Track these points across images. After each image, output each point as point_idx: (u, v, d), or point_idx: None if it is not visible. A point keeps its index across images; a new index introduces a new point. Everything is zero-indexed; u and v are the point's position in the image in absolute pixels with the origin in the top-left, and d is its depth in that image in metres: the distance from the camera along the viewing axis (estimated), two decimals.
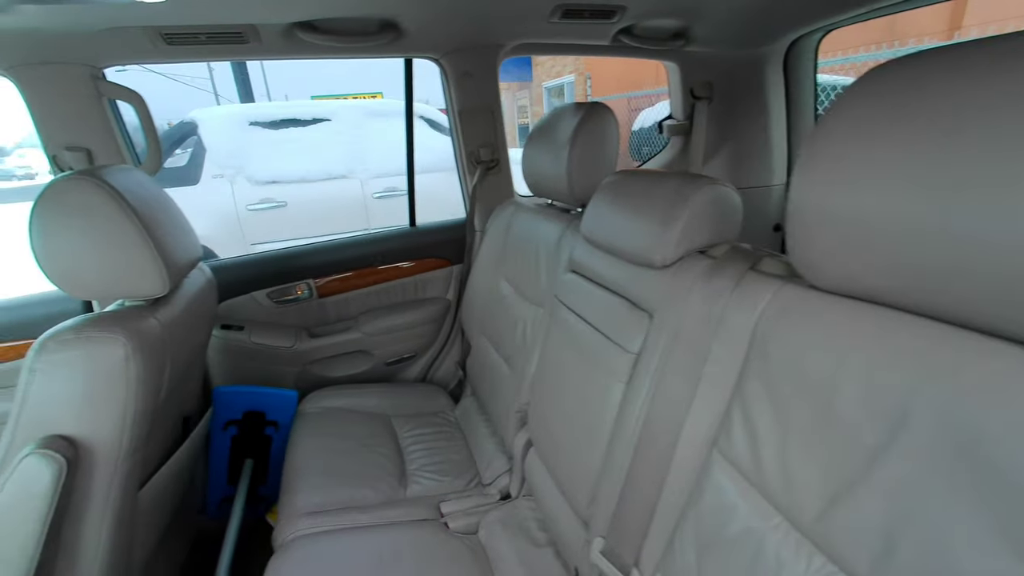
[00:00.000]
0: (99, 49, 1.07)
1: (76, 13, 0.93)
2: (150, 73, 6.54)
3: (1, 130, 14.49)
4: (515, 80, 11.51)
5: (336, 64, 4.94)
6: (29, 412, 0.74)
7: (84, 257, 0.79)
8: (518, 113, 11.97)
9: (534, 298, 1.20)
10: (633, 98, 6.63)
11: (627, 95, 6.76)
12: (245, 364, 1.46)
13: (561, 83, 10.40)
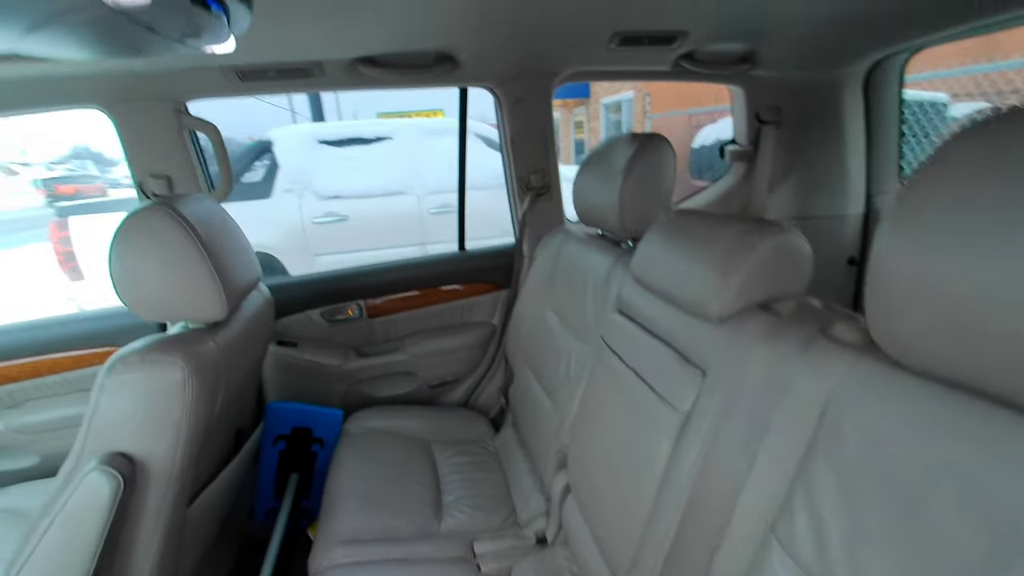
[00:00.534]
0: (182, 86, 1.17)
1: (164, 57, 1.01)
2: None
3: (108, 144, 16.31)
4: (572, 96, 11.54)
5: None
6: (96, 428, 0.79)
7: (153, 282, 0.85)
8: (574, 129, 11.96)
9: (580, 332, 1.16)
10: (694, 115, 6.44)
11: (687, 111, 6.57)
12: (297, 380, 1.52)
13: (619, 100, 10.30)
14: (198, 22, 0.54)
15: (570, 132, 12.03)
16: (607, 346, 0.96)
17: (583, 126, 11.64)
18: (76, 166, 12.73)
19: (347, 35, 1.02)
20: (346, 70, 1.19)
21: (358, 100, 13.32)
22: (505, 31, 1.08)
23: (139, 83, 1.12)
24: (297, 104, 9.03)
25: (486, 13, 0.96)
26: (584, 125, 11.64)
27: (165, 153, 1.23)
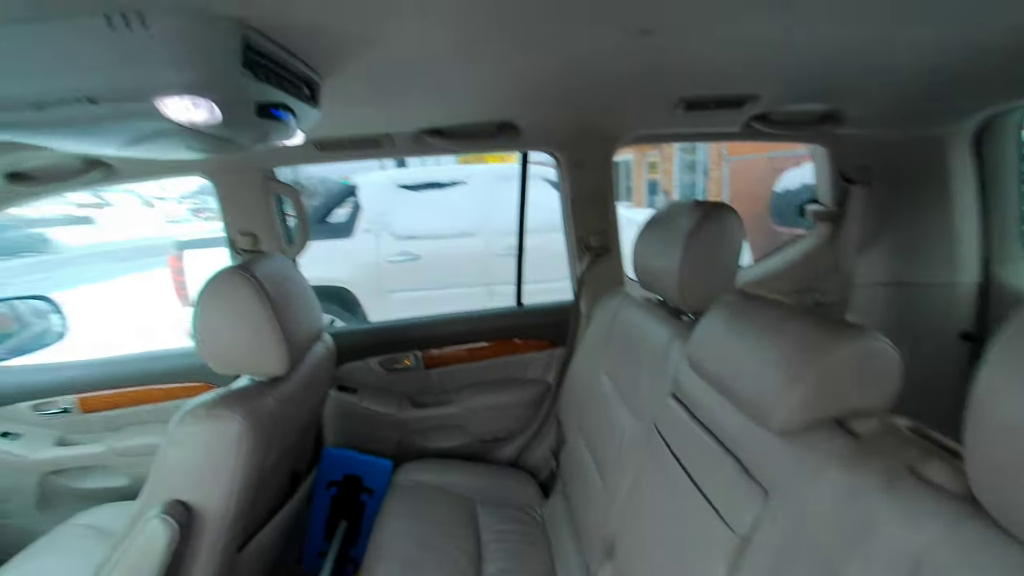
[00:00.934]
0: (270, 157, 1.30)
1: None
2: None
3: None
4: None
5: None
6: (162, 476, 0.85)
7: (225, 339, 0.92)
8: (647, 170, 11.83)
9: (635, 407, 1.09)
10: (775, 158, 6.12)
11: (768, 155, 6.25)
12: (354, 426, 1.57)
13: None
14: (266, 129, 0.61)
15: (643, 173, 11.90)
16: (659, 434, 0.89)
17: (657, 167, 11.49)
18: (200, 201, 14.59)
19: (412, 112, 1.09)
20: (412, 140, 1.27)
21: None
22: (565, 100, 1.10)
23: (236, 156, 1.28)
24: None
25: (546, 86, 0.98)
26: (658, 166, 11.48)
27: (253, 213, 1.38)
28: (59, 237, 9.57)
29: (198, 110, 0.50)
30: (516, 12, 0.59)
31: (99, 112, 0.49)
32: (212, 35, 0.49)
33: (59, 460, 1.44)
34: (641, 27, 0.67)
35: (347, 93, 0.88)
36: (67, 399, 1.46)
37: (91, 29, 0.46)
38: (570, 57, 0.79)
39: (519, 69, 0.85)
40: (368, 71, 0.77)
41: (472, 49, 0.73)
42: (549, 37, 0.70)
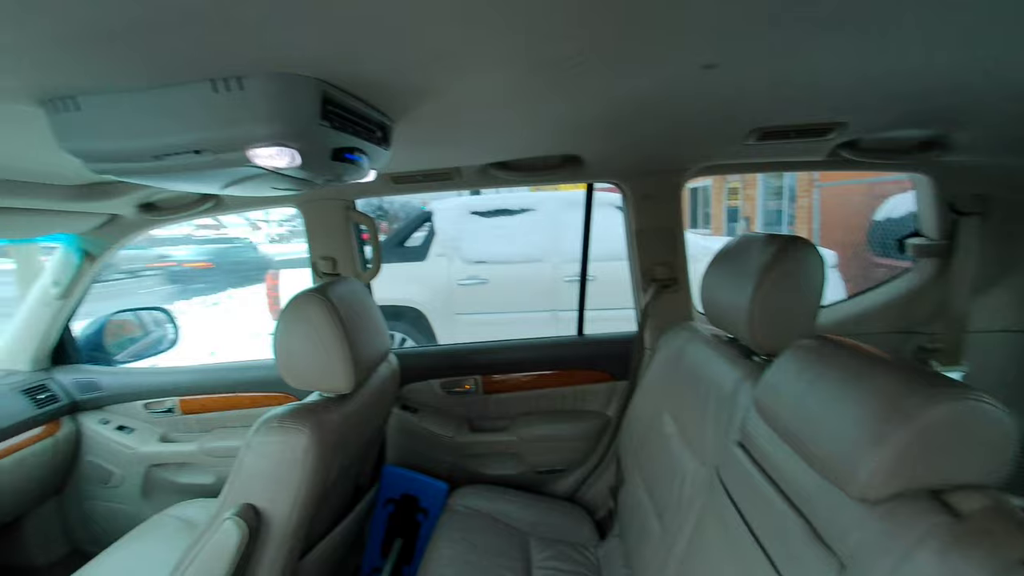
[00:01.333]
0: (351, 190, 1.42)
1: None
2: None
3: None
4: None
5: None
6: (239, 480, 0.93)
7: (299, 356, 1.00)
8: (727, 195, 11.27)
9: (699, 451, 1.02)
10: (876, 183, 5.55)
11: (867, 180, 5.69)
12: (413, 445, 1.61)
13: None
14: (340, 171, 0.67)
15: (722, 199, 11.36)
16: (722, 484, 0.82)
17: (738, 192, 10.91)
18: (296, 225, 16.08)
19: (479, 148, 1.13)
20: (480, 172, 1.32)
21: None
22: (631, 133, 1.09)
23: (321, 189, 1.41)
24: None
25: (610, 121, 0.98)
26: (739, 191, 10.90)
27: (333, 240, 1.50)
28: (180, 254, 11.09)
29: (281, 157, 0.57)
30: (575, 58, 0.60)
31: (203, 161, 0.59)
32: (296, 93, 0.57)
33: (161, 455, 1.62)
34: (704, 62, 0.65)
35: (416, 134, 0.94)
36: (171, 400, 1.65)
37: (200, 93, 0.55)
38: (633, 95, 0.79)
39: (582, 107, 0.86)
40: (435, 114, 0.82)
41: (534, 93, 0.75)
42: (611, 78, 0.70)
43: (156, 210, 1.43)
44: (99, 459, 1.64)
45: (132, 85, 0.56)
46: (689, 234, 1.53)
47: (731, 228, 10.49)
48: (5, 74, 0.51)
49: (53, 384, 1.60)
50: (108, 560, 1.24)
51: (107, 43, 0.47)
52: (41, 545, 1.63)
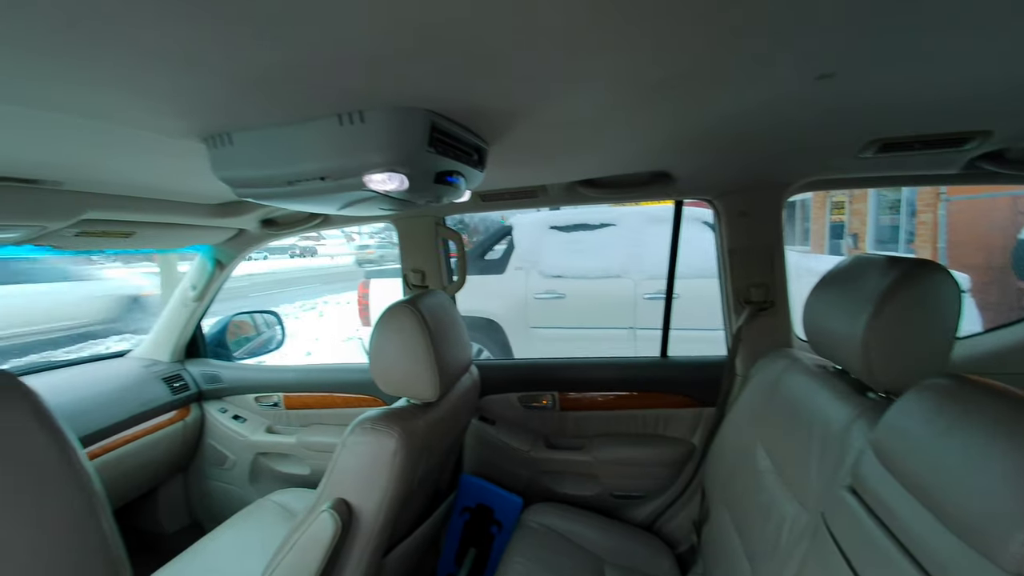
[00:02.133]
0: (442, 208, 1.49)
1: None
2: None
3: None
4: None
5: None
6: (336, 475, 1.00)
7: (391, 363, 1.06)
8: (830, 210, 10.25)
9: (799, 491, 0.93)
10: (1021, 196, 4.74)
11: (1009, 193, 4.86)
12: (489, 456, 1.64)
13: None
14: (439, 193, 0.72)
15: (825, 214, 10.36)
16: (829, 532, 0.74)
17: (843, 207, 9.90)
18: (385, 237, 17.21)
19: (566, 166, 1.14)
20: (566, 190, 1.33)
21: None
22: (728, 148, 1.04)
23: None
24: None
25: (707, 136, 0.94)
26: (845, 206, 9.88)
27: (423, 254, 1.59)
28: (288, 264, 12.49)
29: (392, 182, 0.63)
30: (677, 73, 0.59)
31: (326, 186, 0.66)
32: (408, 123, 0.62)
33: (267, 444, 1.79)
34: (819, 72, 0.61)
35: (508, 154, 0.97)
36: (277, 395, 1.82)
37: (328, 127, 0.62)
38: (734, 109, 0.76)
39: (678, 123, 0.83)
40: (527, 135, 0.85)
41: (628, 112, 0.75)
42: (711, 93, 0.68)
43: (275, 225, 1.62)
44: (217, 443, 1.85)
45: (275, 122, 0.65)
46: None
47: (834, 246, 9.51)
48: (181, 117, 0.62)
49: (186, 374, 1.84)
50: (219, 536, 1.39)
51: (260, 89, 0.55)
52: (169, 514, 1.87)
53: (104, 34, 0.42)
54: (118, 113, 0.61)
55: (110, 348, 2.16)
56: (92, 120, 0.62)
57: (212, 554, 1.31)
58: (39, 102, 0.55)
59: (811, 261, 5.95)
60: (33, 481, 0.35)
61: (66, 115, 0.59)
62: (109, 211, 1.14)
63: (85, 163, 0.86)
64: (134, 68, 0.48)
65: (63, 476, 0.37)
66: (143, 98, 0.56)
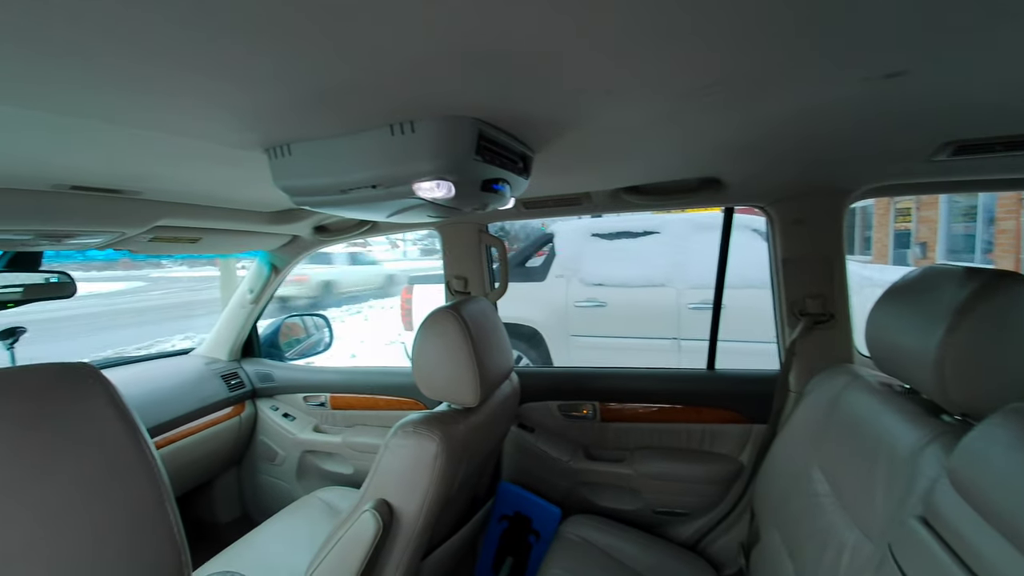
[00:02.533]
0: (487, 214, 1.51)
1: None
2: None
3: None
4: None
5: None
6: (378, 476, 1.02)
7: (433, 368, 1.07)
8: (895, 217, 9.59)
9: (861, 519, 0.87)
10: None
11: None
12: (528, 464, 1.63)
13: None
14: (485, 200, 0.72)
15: (889, 221, 9.70)
16: (897, 566, 0.68)
17: (910, 214, 9.23)
18: (428, 244, 17.59)
19: (613, 173, 1.13)
20: (611, 197, 1.31)
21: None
22: (783, 152, 0.99)
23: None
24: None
25: (762, 141, 0.90)
26: (912, 212, 9.22)
27: (466, 261, 1.61)
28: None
29: (440, 189, 0.65)
30: (732, 76, 0.57)
31: (377, 194, 0.69)
32: (457, 132, 0.64)
33: (314, 443, 1.86)
34: (889, 71, 0.57)
35: (553, 161, 0.97)
36: (324, 395, 1.89)
37: (380, 137, 0.65)
38: (794, 112, 0.72)
39: (731, 127, 0.80)
40: (573, 143, 0.84)
41: (677, 118, 0.73)
42: (767, 95, 0.65)
43: (326, 232, 1.69)
44: (269, 439, 1.94)
45: (331, 133, 0.68)
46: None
47: (899, 256, 8.89)
48: (248, 130, 0.66)
49: (242, 372, 1.95)
50: (268, 528, 1.45)
51: (319, 104, 0.58)
52: (223, 505, 1.98)
53: (191, 61, 0.46)
54: (194, 128, 0.66)
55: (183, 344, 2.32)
56: (170, 135, 0.67)
57: (262, 546, 1.37)
58: (132, 121, 0.61)
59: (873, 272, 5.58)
60: (110, 467, 0.38)
61: (150, 131, 0.65)
62: (179, 218, 1.22)
63: (161, 175, 0.94)
64: (213, 89, 0.53)
65: (136, 464, 0.39)
66: (217, 115, 0.61)
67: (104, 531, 0.36)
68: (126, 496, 0.38)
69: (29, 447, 0.35)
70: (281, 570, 1.24)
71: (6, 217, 0.95)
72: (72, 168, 0.84)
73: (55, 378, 0.39)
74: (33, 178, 0.88)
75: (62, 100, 0.53)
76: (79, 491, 0.36)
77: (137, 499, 0.39)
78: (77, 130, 0.64)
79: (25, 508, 0.33)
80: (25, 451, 0.34)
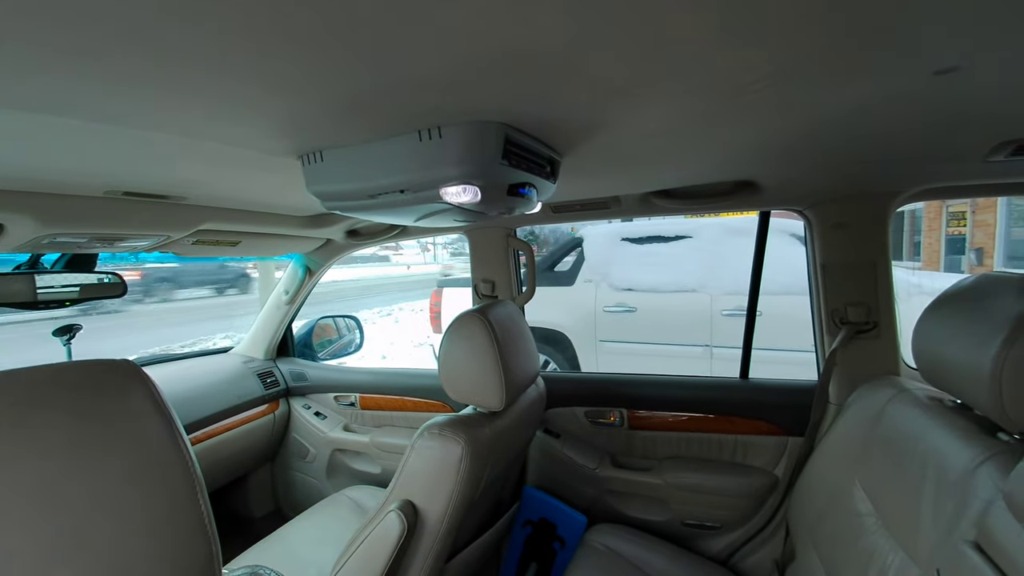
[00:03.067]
0: (513, 219, 1.51)
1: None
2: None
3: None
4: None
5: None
6: (404, 477, 1.04)
7: (459, 371, 1.08)
8: (947, 221, 9.05)
9: (907, 540, 0.82)
10: None
11: None
12: (553, 470, 1.61)
13: None
14: (511, 205, 0.72)
15: (941, 226, 9.16)
16: None
17: (964, 218, 8.70)
18: (458, 248, 17.83)
19: (644, 177, 1.11)
20: (641, 201, 1.29)
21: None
22: (824, 154, 0.95)
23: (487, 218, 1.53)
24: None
25: (800, 141, 0.87)
26: (967, 216, 8.69)
27: (494, 265, 1.61)
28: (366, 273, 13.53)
29: (466, 194, 0.65)
30: (772, 74, 0.55)
31: (405, 199, 0.70)
32: (484, 137, 0.64)
33: (344, 441, 1.90)
34: (938, 67, 0.54)
35: (582, 167, 0.96)
36: (354, 396, 1.93)
37: (408, 143, 0.66)
38: (841, 111, 0.69)
39: (769, 128, 0.78)
40: (602, 146, 0.83)
41: (712, 119, 0.71)
42: (809, 94, 0.63)
43: (358, 236, 1.73)
44: (301, 437, 1.99)
45: (362, 139, 0.70)
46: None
47: (952, 262, 8.39)
48: (283, 137, 0.69)
49: (277, 371, 2.01)
50: (298, 525, 1.49)
51: (350, 112, 0.60)
52: (257, 500, 2.04)
53: (239, 72, 0.48)
54: (235, 136, 0.68)
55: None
56: (214, 143, 0.71)
57: (291, 541, 1.41)
58: (182, 131, 0.65)
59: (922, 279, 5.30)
60: (150, 461, 0.40)
61: (193, 139, 0.68)
62: (221, 223, 1.28)
63: (205, 181, 0.98)
64: (254, 99, 0.55)
65: (172, 459, 0.41)
66: (256, 123, 0.63)
67: (144, 522, 0.38)
68: (163, 489, 0.40)
69: (84, 438, 0.37)
70: (309, 566, 1.27)
71: (65, 220, 1.01)
72: (125, 175, 0.90)
73: (101, 374, 0.41)
74: (90, 184, 0.94)
75: (122, 112, 0.57)
76: (124, 482, 0.38)
77: (173, 493, 0.41)
78: (132, 141, 0.68)
79: (79, 496, 0.35)
80: (81, 441, 0.36)
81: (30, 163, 0.77)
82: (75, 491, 0.35)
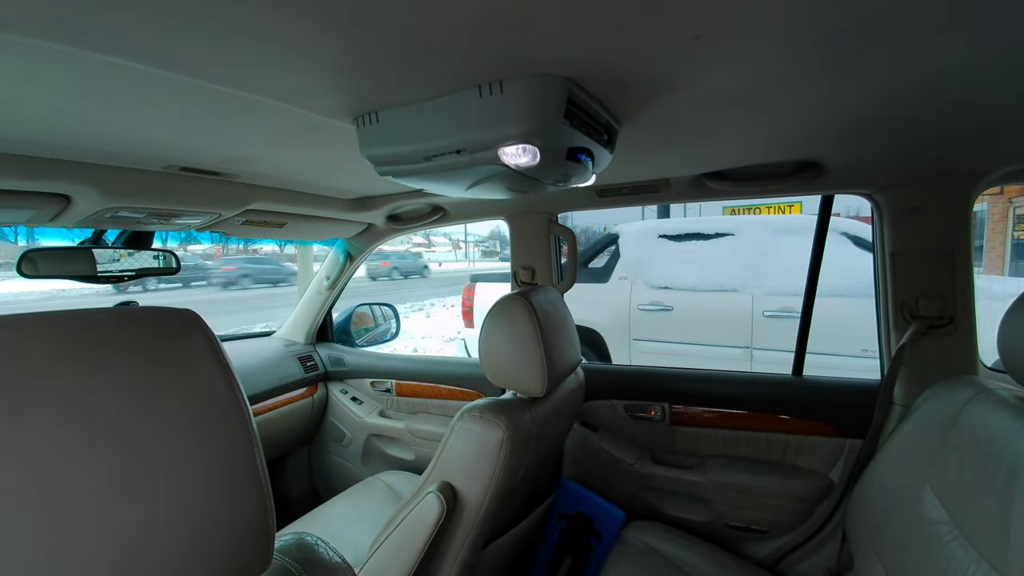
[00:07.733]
0: (555, 203, 1.48)
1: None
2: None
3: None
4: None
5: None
6: (443, 458, 1.02)
7: (500, 356, 1.06)
8: (1013, 224, 8.41)
9: (992, 553, 0.74)
10: None
11: None
12: (590, 463, 1.57)
13: None
14: (568, 171, 0.69)
15: (1007, 228, 8.53)
16: None
17: None
18: (490, 244, 17.95)
19: (697, 155, 1.05)
20: (692, 184, 1.23)
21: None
22: (900, 131, 0.87)
23: (529, 202, 1.50)
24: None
25: (875, 116, 0.80)
26: None
27: (535, 250, 1.58)
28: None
29: (525, 155, 0.62)
30: (856, 28, 0.50)
31: (461, 160, 0.68)
32: (547, 92, 0.61)
33: (379, 427, 1.91)
34: None
35: (638, 139, 0.92)
36: (390, 382, 1.94)
37: (468, 99, 0.64)
38: (915, 80, 0.63)
39: (847, 97, 0.72)
40: (664, 116, 0.79)
41: (792, 81, 0.66)
42: (898, 55, 0.57)
43: (399, 220, 1.74)
44: (338, 421, 2.02)
45: (418, 97, 0.68)
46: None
47: (1018, 267, 7.82)
48: (339, 93, 0.67)
49: (316, 356, 2.05)
50: (334, 506, 1.51)
51: (405, 64, 0.58)
52: (295, 481, 2.09)
53: (301, 10, 0.46)
54: (291, 90, 0.67)
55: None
56: (268, 100, 0.69)
57: (328, 522, 1.42)
58: (234, 81, 0.63)
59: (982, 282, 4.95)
60: (207, 410, 0.39)
61: (250, 95, 0.67)
62: (270, 203, 1.30)
63: (257, 156, 0.99)
64: (303, 47, 0.53)
65: (231, 410, 0.40)
66: (311, 73, 0.61)
67: (201, 472, 0.37)
68: (222, 440, 0.39)
69: (146, 381, 0.36)
70: (346, 544, 1.28)
71: (127, 194, 1.04)
72: (182, 148, 0.91)
73: (165, 319, 0.40)
74: (150, 159, 0.97)
75: (182, 59, 0.56)
76: (184, 429, 0.37)
77: (232, 445, 0.40)
78: (189, 99, 0.67)
79: (140, 440, 0.35)
80: (143, 384, 0.36)
81: (94, 130, 0.79)
82: (137, 432, 0.35)
